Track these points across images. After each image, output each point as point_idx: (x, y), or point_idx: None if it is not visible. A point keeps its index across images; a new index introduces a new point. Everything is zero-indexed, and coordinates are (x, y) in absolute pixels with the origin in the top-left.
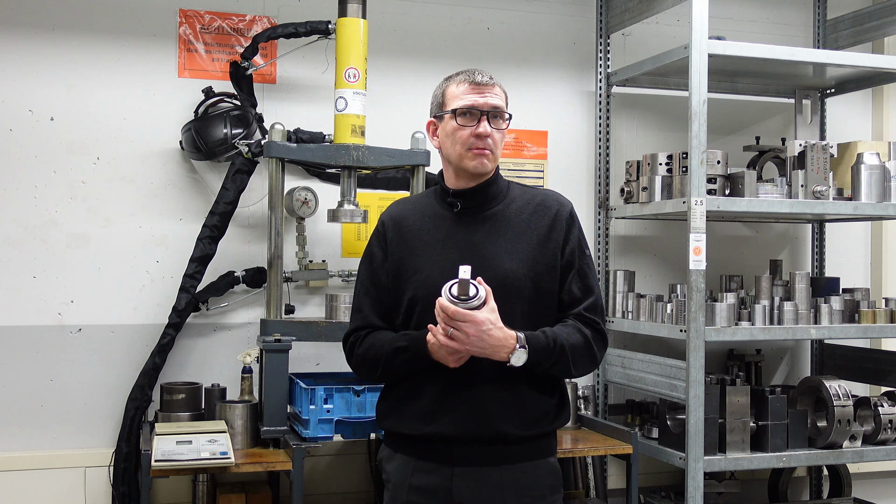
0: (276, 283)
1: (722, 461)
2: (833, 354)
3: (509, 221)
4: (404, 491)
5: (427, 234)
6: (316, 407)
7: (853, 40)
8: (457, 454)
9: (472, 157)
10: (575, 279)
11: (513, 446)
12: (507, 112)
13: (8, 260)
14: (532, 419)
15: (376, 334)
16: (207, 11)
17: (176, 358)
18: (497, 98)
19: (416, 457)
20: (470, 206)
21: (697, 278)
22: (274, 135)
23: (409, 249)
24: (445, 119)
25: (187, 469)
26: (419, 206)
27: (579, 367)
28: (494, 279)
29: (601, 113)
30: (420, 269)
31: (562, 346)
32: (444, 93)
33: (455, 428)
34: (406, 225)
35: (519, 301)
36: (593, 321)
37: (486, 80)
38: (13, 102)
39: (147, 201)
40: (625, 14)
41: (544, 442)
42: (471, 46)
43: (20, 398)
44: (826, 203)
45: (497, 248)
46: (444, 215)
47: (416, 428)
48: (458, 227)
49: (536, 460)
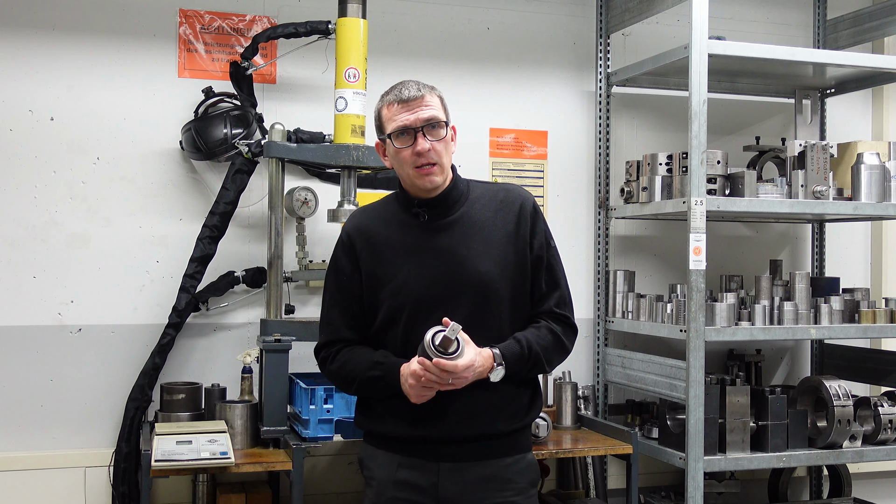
0: (276, 283)
1: (722, 461)
2: (833, 354)
3: (476, 222)
4: (390, 487)
5: (397, 241)
6: (316, 407)
7: (853, 40)
8: (443, 452)
9: (420, 176)
10: (543, 273)
11: (495, 442)
12: (443, 120)
13: (8, 260)
14: (512, 415)
15: (349, 352)
16: (207, 11)
17: (176, 358)
18: (428, 109)
19: (402, 454)
20: (434, 214)
21: (697, 278)
22: (274, 135)
23: (379, 258)
24: (387, 142)
25: (187, 469)
26: (382, 214)
27: (553, 364)
28: (472, 282)
29: (601, 113)
30: (395, 277)
31: (536, 352)
32: (379, 115)
33: (440, 431)
34: (373, 235)
35: (497, 302)
36: (563, 316)
37: (414, 93)
38: (13, 102)
39: (147, 201)
40: (625, 14)
41: (522, 436)
42: (471, 46)
43: (20, 398)
44: (826, 203)
45: (469, 251)
46: (410, 223)
47: (401, 431)
48: (427, 234)
49: (516, 455)
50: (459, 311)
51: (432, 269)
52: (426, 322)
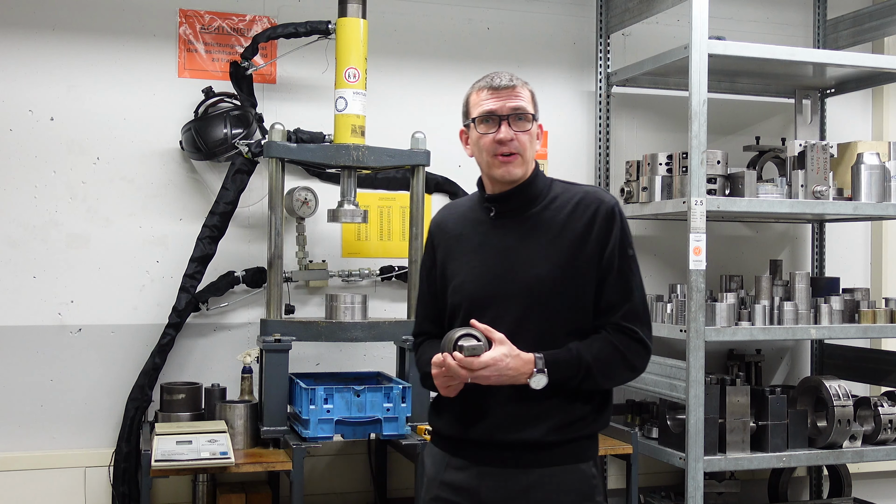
0: (276, 283)
1: (722, 461)
2: (833, 354)
3: (546, 223)
4: (436, 486)
5: (465, 239)
6: (316, 407)
7: (853, 40)
8: (485, 455)
9: (499, 164)
10: (613, 282)
11: (539, 451)
12: (530, 113)
13: (8, 260)
14: (562, 425)
15: (425, 346)
16: (207, 11)
17: (176, 358)
18: (518, 100)
19: (451, 453)
20: (506, 211)
21: (697, 278)
22: (274, 135)
23: (451, 254)
24: (471, 127)
25: (187, 469)
26: (462, 210)
27: (613, 379)
28: (524, 285)
29: (601, 113)
30: (458, 274)
31: (587, 364)
32: (467, 101)
33: (482, 433)
34: (449, 230)
35: (551, 307)
36: (628, 329)
37: (505, 82)
38: (13, 102)
39: (147, 201)
40: (625, 14)
41: (576, 447)
42: (471, 46)
43: (20, 398)
44: (826, 203)
45: (529, 252)
46: (482, 220)
47: (450, 430)
48: (493, 232)
49: (565, 465)
50: (509, 313)
51: (489, 268)
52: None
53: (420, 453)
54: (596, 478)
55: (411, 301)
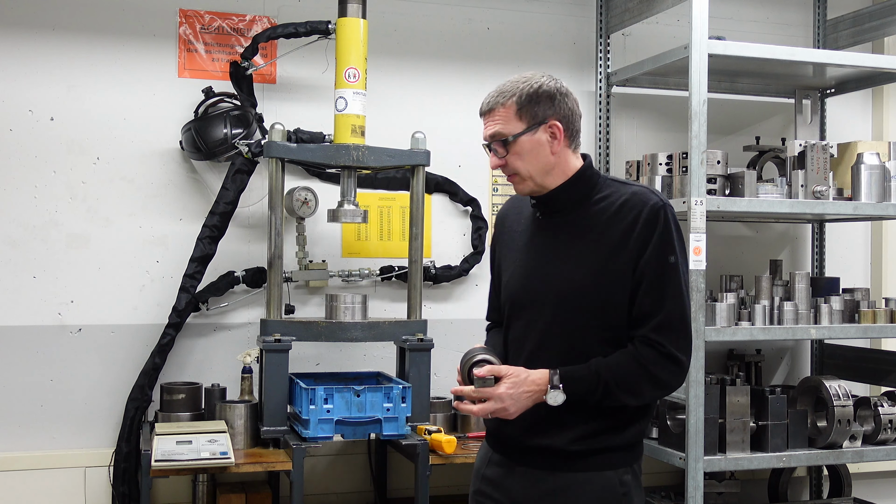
0: (276, 283)
1: (722, 461)
2: (833, 354)
3: (588, 226)
4: (478, 479)
5: (518, 235)
6: (316, 407)
7: (853, 40)
8: (516, 455)
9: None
10: (647, 291)
11: (565, 458)
12: (508, 135)
13: (8, 260)
14: (585, 436)
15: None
16: (207, 11)
17: (176, 358)
18: (494, 125)
19: (493, 449)
20: (550, 212)
21: (697, 278)
22: (274, 135)
23: (505, 249)
24: None
25: (187, 469)
26: (522, 205)
27: (638, 395)
28: (557, 289)
29: (601, 113)
30: (507, 271)
31: (605, 380)
32: None
33: (513, 433)
34: (507, 224)
35: (584, 314)
36: (656, 342)
37: (485, 107)
38: (13, 102)
39: (147, 201)
40: (625, 14)
41: (605, 456)
42: (471, 46)
43: (20, 398)
44: (826, 203)
45: (567, 255)
46: (533, 218)
47: (493, 425)
48: (539, 233)
49: (590, 472)
50: (541, 318)
51: (529, 269)
52: (517, 323)
53: (420, 453)
54: (627, 485)
55: (411, 301)
